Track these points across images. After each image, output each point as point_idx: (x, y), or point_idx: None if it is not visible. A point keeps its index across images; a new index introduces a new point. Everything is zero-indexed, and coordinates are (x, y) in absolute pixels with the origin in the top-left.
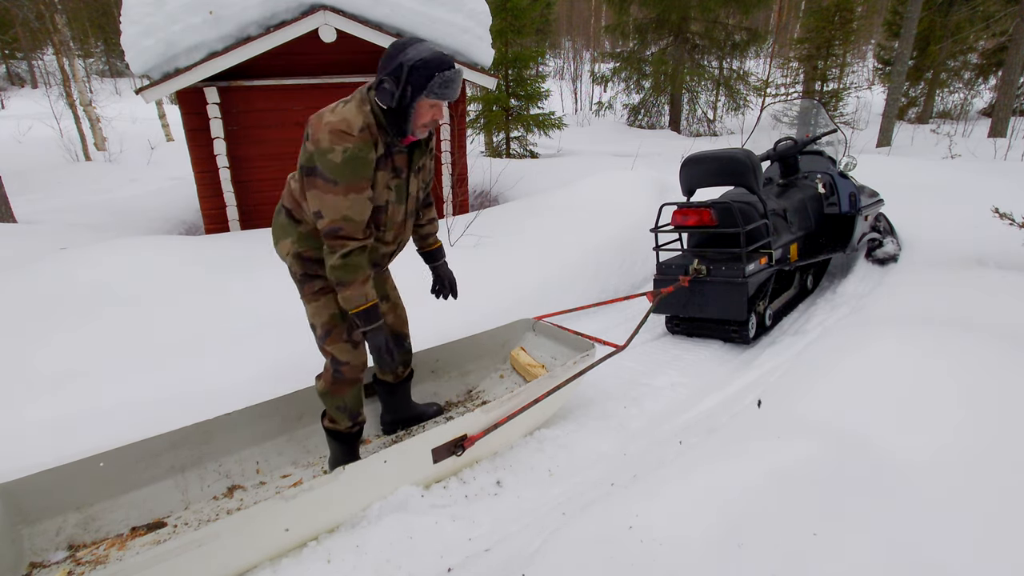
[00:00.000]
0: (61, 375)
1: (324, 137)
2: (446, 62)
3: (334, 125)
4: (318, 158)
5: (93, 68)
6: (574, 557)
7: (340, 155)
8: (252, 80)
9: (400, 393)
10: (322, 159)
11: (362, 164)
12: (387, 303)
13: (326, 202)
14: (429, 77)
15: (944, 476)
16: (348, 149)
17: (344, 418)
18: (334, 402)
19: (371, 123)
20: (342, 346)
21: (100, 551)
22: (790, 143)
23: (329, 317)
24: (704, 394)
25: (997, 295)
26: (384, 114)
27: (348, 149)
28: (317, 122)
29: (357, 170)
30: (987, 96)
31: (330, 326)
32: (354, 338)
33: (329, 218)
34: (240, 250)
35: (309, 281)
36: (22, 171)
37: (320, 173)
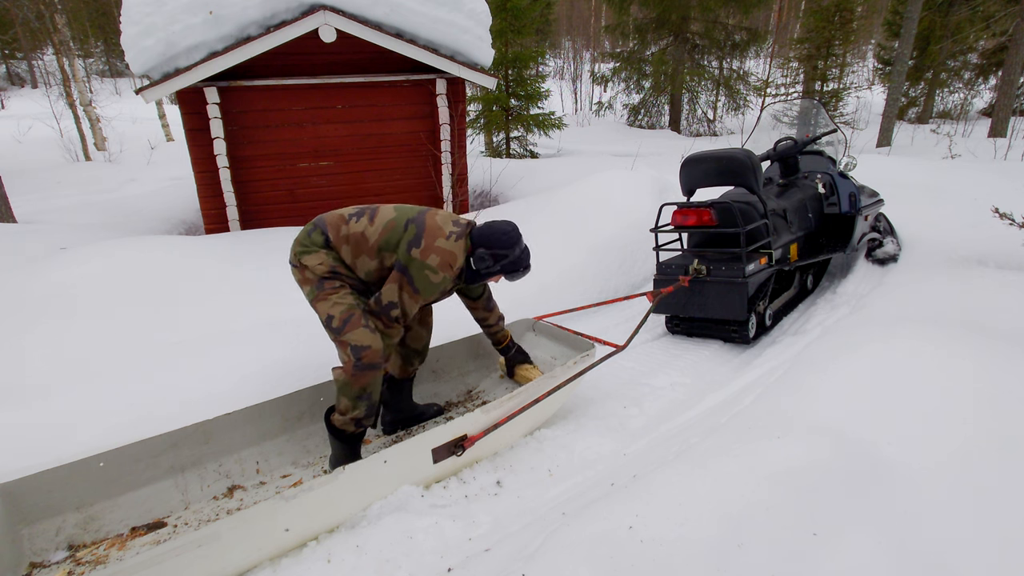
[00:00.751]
0: (61, 375)
1: (434, 259)
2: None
3: (446, 256)
4: (416, 266)
5: (93, 68)
6: (574, 557)
7: (438, 280)
8: (252, 80)
9: (402, 392)
10: (419, 271)
11: (442, 290)
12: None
13: (401, 298)
14: (514, 271)
15: (944, 476)
16: (444, 278)
17: (362, 407)
18: (355, 392)
19: (462, 267)
20: (362, 331)
21: (100, 551)
22: (790, 143)
23: (347, 307)
24: (704, 394)
25: (997, 295)
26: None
27: (444, 278)
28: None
29: (436, 289)
30: (987, 96)
31: (348, 314)
32: (370, 324)
33: (399, 311)
34: (240, 250)
35: (330, 279)
36: (22, 171)
37: (411, 279)
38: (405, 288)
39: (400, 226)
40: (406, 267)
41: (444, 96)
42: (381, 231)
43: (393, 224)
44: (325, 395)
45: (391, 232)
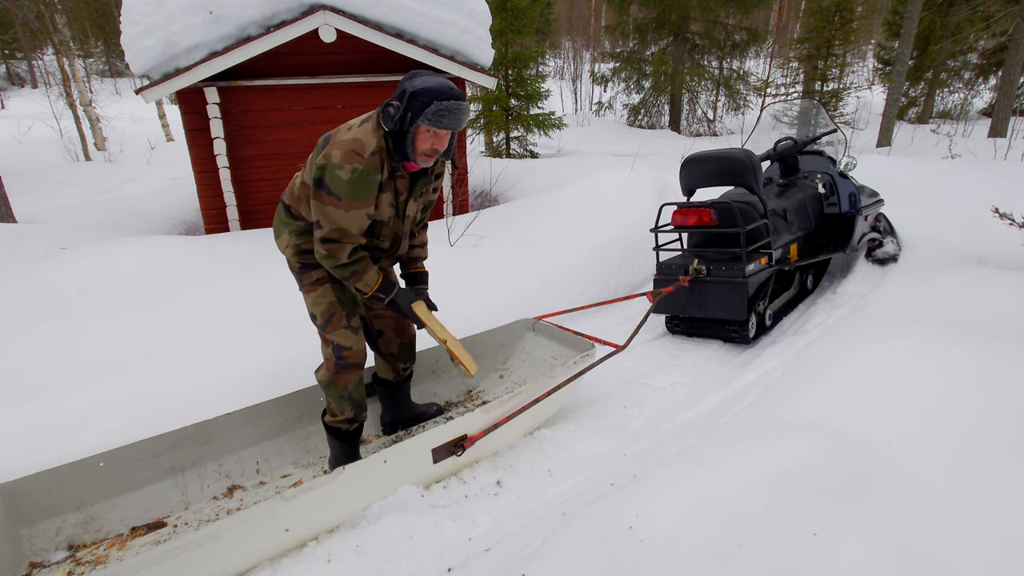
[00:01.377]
0: (61, 375)
1: (336, 153)
2: (447, 92)
3: (347, 144)
4: (327, 172)
5: (93, 68)
6: (574, 557)
7: (348, 173)
8: (252, 80)
9: (400, 393)
10: (330, 174)
11: (368, 185)
12: None
13: (326, 214)
14: (427, 104)
15: (944, 476)
16: (356, 169)
17: (348, 408)
18: (338, 392)
19: (383, 147)
20: (343, 332)
21: (100, 551)
22: (790, 143)
23: (328, 305)
24: (704, 394)
25: (997, 295)
26: (389, 138)
27: (356, 169)
28: (333, 137)
29: (362, 189)
30: (987, 96)
31: (330, 313)
32: (352, 324)
33: (327, 229)
34: (240, 250)
35: (307, 271)
36: (22, 171)
37: (325, 186)
38: (323, 199)
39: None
40: (315, 176)
41: None
42: (308, 165)
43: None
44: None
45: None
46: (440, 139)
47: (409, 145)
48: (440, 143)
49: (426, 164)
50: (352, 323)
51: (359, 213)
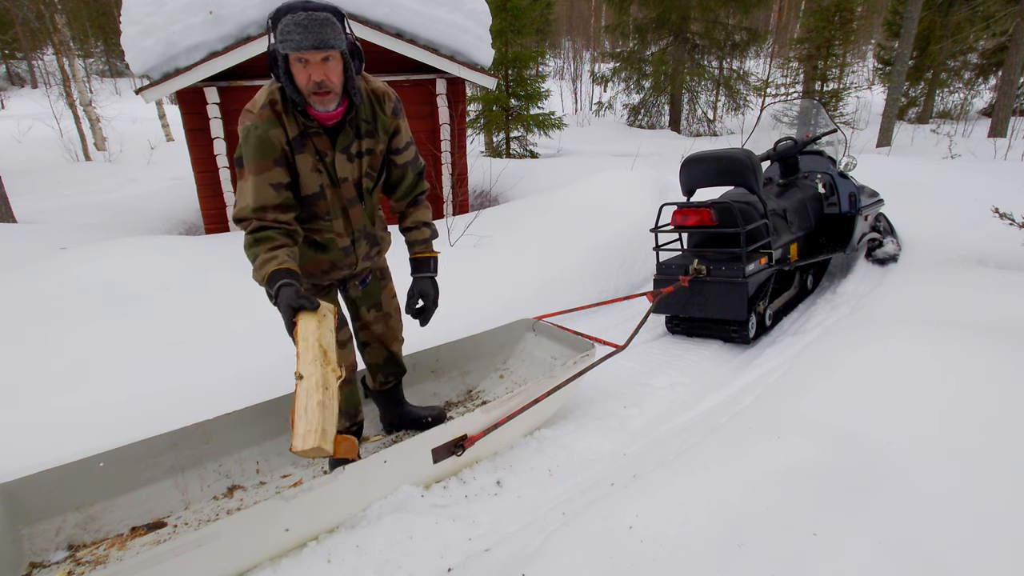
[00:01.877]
0: (61, 374)
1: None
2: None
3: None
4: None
5: (93, 68)
6: (574, 557)
7: (243, 134)
8: (252, 80)
9: (390, 399)
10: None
11: (262, 143)
12: (378, 312)
13: (239, 188)
14: (275, 25)
15: (944, 476)
16: (247, 127)
17: (340, 419)
18: None
19: (276, 99)
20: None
21: (100, 551)
22: (790, 143)
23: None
24: (704, 394)
25: (997, 295)
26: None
27: (247, 127)
28: None
29: (258, 148)
30: (987, 96)
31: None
32: (340, 338)
33: (239, 205)
34: (240, 250)
35: None
36: (22, 171)
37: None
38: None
39: None
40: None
41: (444, 96)
42: None
43: None
44: None
45: None
46: (315, 66)
47: (289, 85)
48: (317, 71)
49: (324, 107)
50: (339, 336)
51: (261, 180)
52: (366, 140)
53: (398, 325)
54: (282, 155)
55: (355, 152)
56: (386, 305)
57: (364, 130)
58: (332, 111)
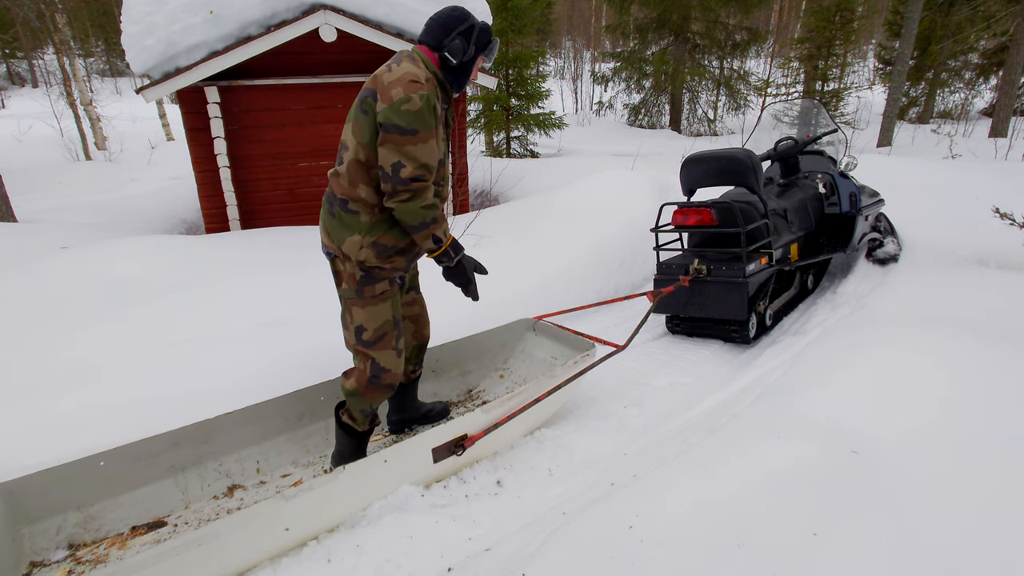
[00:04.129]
0: (61, 374)
1: (398, 91)
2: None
3: (403, 78)
4: (393, 112)
5: (94, 67)
6: (574, 557)
7: (417, 102)
8: (253, 80)
9: (408, 393)
10: (398, 112)
11: (433, 111)
12: (416, 293)
13: (407, 153)
14: (489, 39)
15: (944, 476)
16: (423, 95)
17: (366, 420)
18: (361, 404)
19: (431, 76)
20: (389, 354)
21: (100, 550)
22: (791, 143)
23: (384, 323)
24: (704, 394)
25: (998, 295)
26: (445, 70)
27: (423, 95)
28: (380, 84)
29: (431, 116)
30: (988, 96)
31: (383, 331)
32: (399, 347)
33: (412, 167)
34: (241, 250)
35: (371, 283)
36: (23, 170)
37: (396, 127)
38: (399, 140)
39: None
40: (384, 123)
41: None
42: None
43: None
44: (325, 395)
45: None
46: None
47: (468, 75)
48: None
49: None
50: (399, 345)
51: (435, 143)
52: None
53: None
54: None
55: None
56: (419, 288)
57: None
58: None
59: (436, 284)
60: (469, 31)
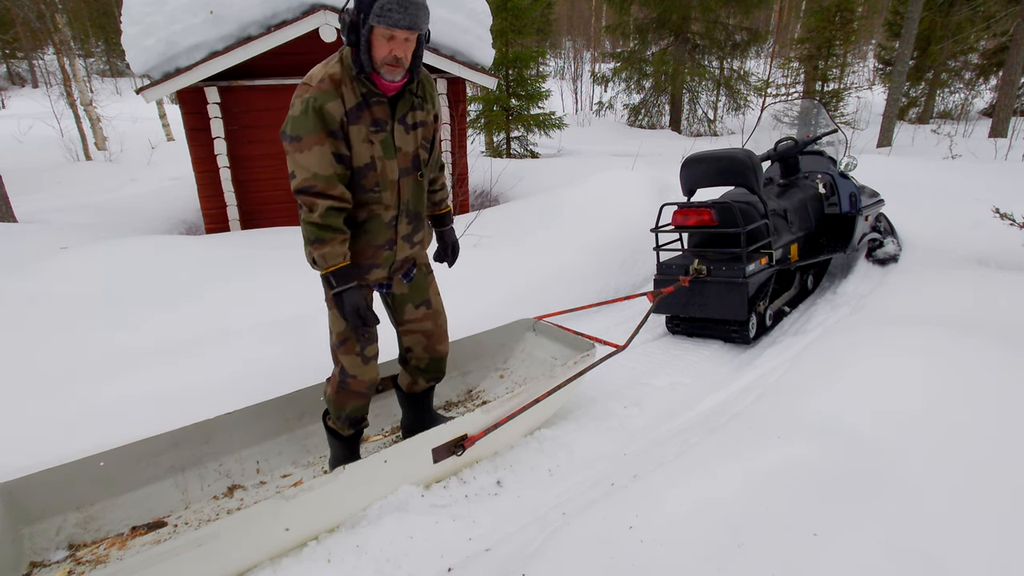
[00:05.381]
0: (61, 374)
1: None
2: None
3: (301, 84)
4: (287, 121)
5: (94, 68)
6: (574, 557)
7: (299, 107)
8: (253, 80)
9: (422, 404)
10: (289, 121)
11: (320, 114)
12: (427, 308)
13: (295, 160)
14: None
15: (945, 476)
16: (305, 99)
17: (345, 426)
18: (336, 410)
19: (334, 72)
20: (353, 359)
21: (100, 550)
22: (791, 143)
23: (345, 327)
24: (704, 394)
25: (998, 295)
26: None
27: (305, 99)
28: None
29: (316, 120)
30: (988, 96)
31: (345, 336)
32: (365, 353)
33: (300, 177)
34: (241, 250)
35: (327, 287)
36: (23, 170)
37: (286, 135)
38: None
39: None
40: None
41: (445, 96)
42: None
43: None
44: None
45: None
46: (399, 43)
47: (365, 54)
48: (399, 47)
49: (392, 76)
50: (365, 352)
51: (322, 151)
52: (419, 112)
53: (445, 324)
54: (339, 127)
55: (411, 123)
56: (435, 302)
57: (417, 103)
58: (397, 82)
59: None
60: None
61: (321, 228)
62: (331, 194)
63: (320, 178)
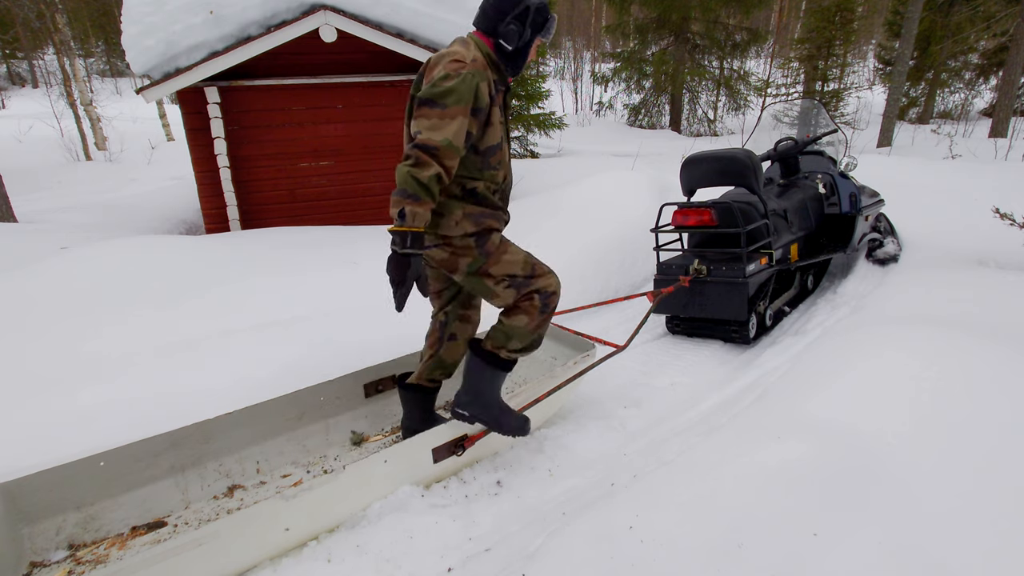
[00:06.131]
0: (61, 375)
1: (439, 69)
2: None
3: (447, 57)
4: (429, 87)
5: (94, 68)
6: (574, 557)
7: (453, 80)
8: (253, 80)
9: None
10: (433, 85)
11: (471, 89)
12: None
13: (431, 124)
14: (546, 19)
15: (945, 476)
16: (464, 73)
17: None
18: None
19: (479, 57)
20: (547, 277)
21: (100, 550)
22: (791, 143)
23: (526, 256)
24: (704, 394)
25: (998, 296)
26: (500, 54)
27: (464, 73)
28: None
29: (467, 93)
30: (988, 96)
31: (531, 262)
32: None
33: (429, 135)
34: (240, 249)
35: (487, 237)
36: (23, 170)
37: (428, 100)
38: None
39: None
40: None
41: None
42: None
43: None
44: (325, 395)
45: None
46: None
47: (523, 57)
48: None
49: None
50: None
51: (461, 123)
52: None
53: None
54: (485, 107)
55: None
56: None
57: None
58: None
59: None
60: (524, 13)
61: (423, 188)
62: (446, 164)
63: (448, 146)
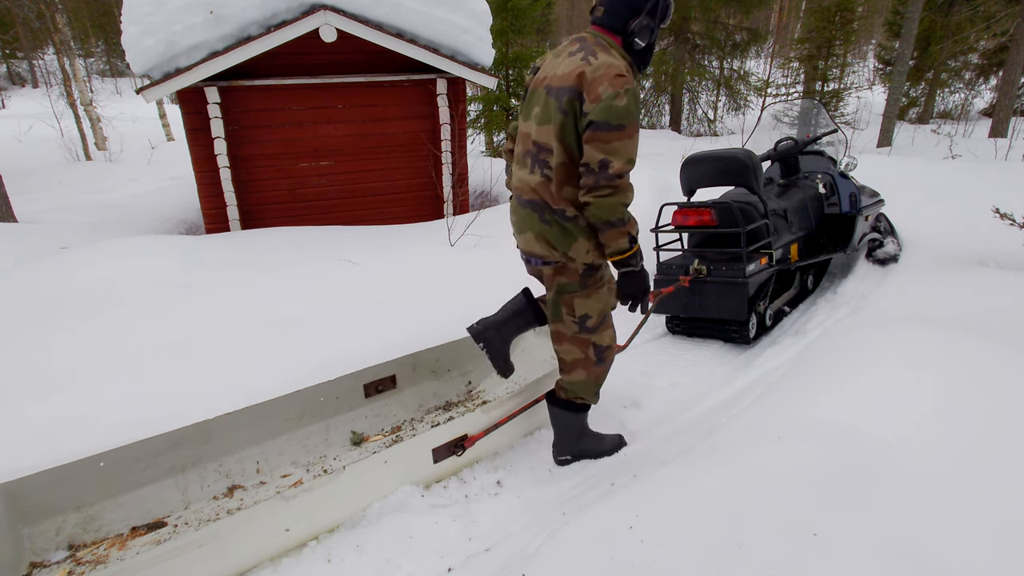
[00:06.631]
0: (61, 375)
1: (605, 87)
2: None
3: (608, 72)
4: (603, 110)
5: (94, 68)
6: (574, 557)
7: (624, 97)
8: (253, 80)
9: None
10: (608, 108)
11: (639, 102)
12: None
13: (614, 149)
14: (668, 6)
15: (945, 476)
16: (629, 89)
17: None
18: (595, 387)
19: (628, 64)
20: (610, 332)
21: (100, 551)
22: (791, 143)
23: (604, 306)
24: (704, 394)
25: (998, 296)
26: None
27: (629, 89)
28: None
29: (636, 109)
30: (988, 96)
31: (604, 313)
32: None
33: (620, 164)
34: (241, 250)
35: (594, 272)
36: (23, 171)
37: (605, 124)
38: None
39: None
40: (594, 120)
41: (444, 96)
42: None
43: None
44: (325, 395)
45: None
46: None
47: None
48: None
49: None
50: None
51: (636, 139)
52: None
53: None
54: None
55: None
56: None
57: None
58: None
59: (439, 284)
60: (654, 8)
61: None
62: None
63: (632, 163)
